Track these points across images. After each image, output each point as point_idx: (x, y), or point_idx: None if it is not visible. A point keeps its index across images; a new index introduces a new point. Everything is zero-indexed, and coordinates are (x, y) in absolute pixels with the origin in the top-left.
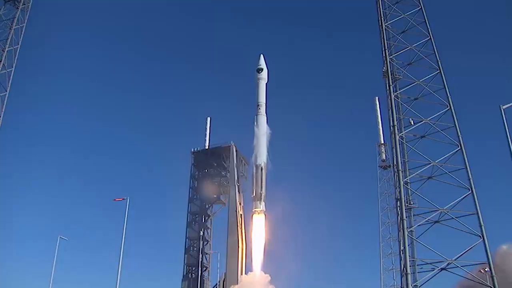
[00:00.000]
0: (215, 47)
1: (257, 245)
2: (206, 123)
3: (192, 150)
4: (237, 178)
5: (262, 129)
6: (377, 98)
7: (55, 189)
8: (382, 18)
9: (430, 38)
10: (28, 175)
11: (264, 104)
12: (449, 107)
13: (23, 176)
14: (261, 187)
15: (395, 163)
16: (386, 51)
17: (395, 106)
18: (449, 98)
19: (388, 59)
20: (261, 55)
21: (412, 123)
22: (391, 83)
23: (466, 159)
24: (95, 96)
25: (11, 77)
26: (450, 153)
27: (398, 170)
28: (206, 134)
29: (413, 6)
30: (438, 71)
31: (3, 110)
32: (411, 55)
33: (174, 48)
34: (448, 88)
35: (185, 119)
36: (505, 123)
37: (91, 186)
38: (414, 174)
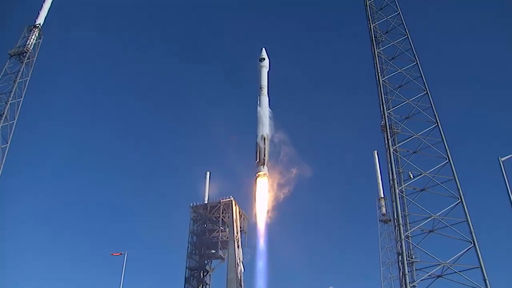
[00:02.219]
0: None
1: (261, 203)
2: (206, 177)
3: (191, 204)
4: (237, 233)
5: (264, 107)
6: (376, 152)
7: (51, 242)
8: (379, 73)
9: (427, 92)
10: (26, 227)
11: (266, 87)
12: (448, 160)
13: (20, 226)
14: (264, 154)
15: (395, 217)
16: (384, 105)
17: (394, 160)
18: (448, 151)
19: (386, 113)
20: (263, 48)
21: (412, 176)
22: (389, 137)
23: (467, 211)
24: (94, 148)
25: (13, 129)
26: (451, 206)
27: (399, 224)
28: (205, 188)
29: (409, 61)
30: (436, 124)
31: (3, 162)
32: (409, 109)
33: (170, 100)
34: (446, 141)
35: (184, 173)
36: (504, 175)
37: (88, 240)
38: (415, 228)
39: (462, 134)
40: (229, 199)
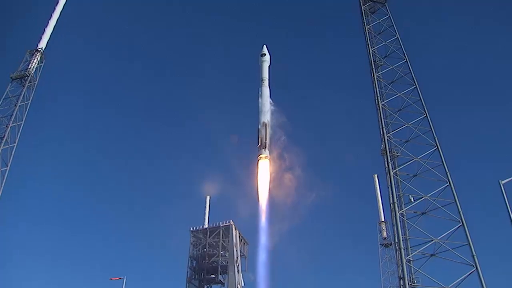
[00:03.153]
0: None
1: (263, 184)
2: (206, 201)
3: (191, 229)
4: (237, 258)
5: (265, 96)
6: (376, 175)
7: (50, 267)
8: (379, 97)
9: (426, 116)
10: (25, 251)
11: (267, 79)
12: (448, 183)
13: (19, 251)
14: (266, 138)
15: (396, 241)
16: (384, 129)
17: (394, 184)
18: (448, 174)
19: (386, 137)
20: (264, 45)
21: (412, 200)
22: (389, 161)
23: (468, 235)
24: (94, 172)
25: (13, 152)
26: (452, 229)
27: (400, 248)
28: (205, 213)
29: (408, 85)
30: (436, 147)
31: (3, 185)
32: (409, 132)
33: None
34: (446, 164)
35: (184, 197)
36: (505, 198)
37: (87, 264)
38: (416, 252)
39: (462, 157)
40: (228, 223)
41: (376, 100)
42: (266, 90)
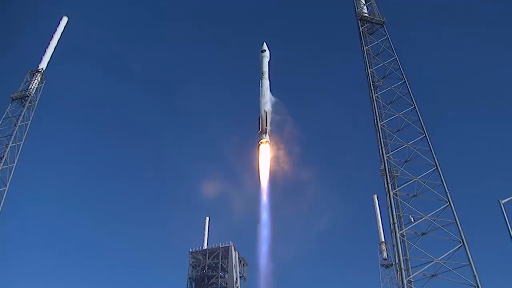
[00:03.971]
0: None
1: (264, 166)
2: (205, 222)
3: (190, 250)
4: (236, 279)
5: (265, 88)
6: (375, 196)
7: None
8: (378, 118)
9: (425, 136)
10: (23, 275)
11: (267, 72)
12: (448, 203)
13: (17, 276)
14: (266, 124)
15: (397, 261)
16: (383, 149)
17: (394, 204)
18: (448, 194)
19: (385, 157)
20: (264, 43)
21: (413, 220)
22: (389, 181)
23: (469, 255)
24: (93, 193)
25: (12, 172)
26: (453, 249)
27: (400, 269)
28: (204, 233)
29: (407, 105)
30: (435, 167)
31: (2, 205)
32: (408, 153)
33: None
34: (446, 184)
35: (183, 218)
36: (506, 217)
37: (84, 285)
38: (417, 273)
39: (462, 176)
40: (228, 245)
41: (375, 121)
42: (266, 82)
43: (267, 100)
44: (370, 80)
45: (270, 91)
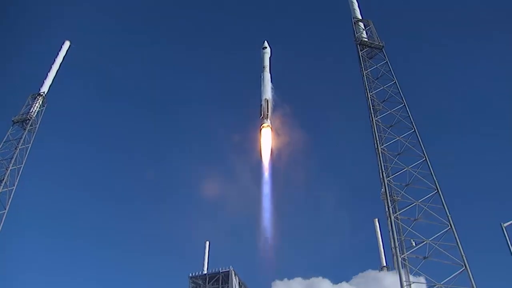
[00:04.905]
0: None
1: (265, 148)
2: (205, 247)
3: (190, 275)
4: None
5: (266, 79)
6: (376, 220)
7: None
8: (378, 141)
9: (426, 159)
10: None
11: (268, 66)
12: (450, 227)
13: None
14: (267, 110)
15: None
16: (383, 173)
17: (395, 228)
18: (449, 217)
19: (385, 181)
20: (265, 41)
21: (414, 244)
22: (390, 205)
23: (472, 279)
24: (91, 219)
25: (11, 195)
26: (456, 273)
27: None
28: (204, 258)
29: (407, 128)
30: (436, 191)
31: (0, 228)
32: (409, 176)
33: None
34: (447, 207)
35: (183, 242)
36: (508, 240)
37: None
38: None
39: (463, 199)
40: (228, 270)
41: (376, 145)
42: (267, 75)
43: (268, 89)
44: (370, 104)
45: (271, 82)
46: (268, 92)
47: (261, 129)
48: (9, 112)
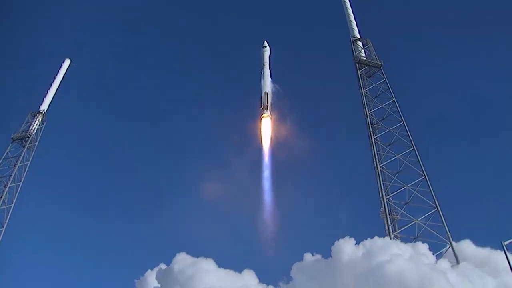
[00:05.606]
0: None
1: (265, 136)
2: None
3: None
4: None
5: (266, 75)
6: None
7: None
8: (377, 160)
9: (425, 177)
10: None
11: (267, 63)
12: (450, 245)
13: None
14: (267, 102)
15: None
16: (383, 191)
17: None
18: (449, 236)
19: (385, 200)
20: (265, 41)
21: None
22: (389, 223)
23: None
24: (90, 236)
25: (10, 213)
26: None
27: None
28: None
29: (406, 147)
30: (436, 209)
31: None
32: (408, 194)
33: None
34: (447, 226)
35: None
36: (508, 259)
37: None
38: None
39: (463, 217)
40: None
41: (375, 163)
42: (267, 70)
43: (268, 83)
44: (369, 122)
45: (271, 78)
46: (268, 86)
47: (261, 119)
48: (8, 130)
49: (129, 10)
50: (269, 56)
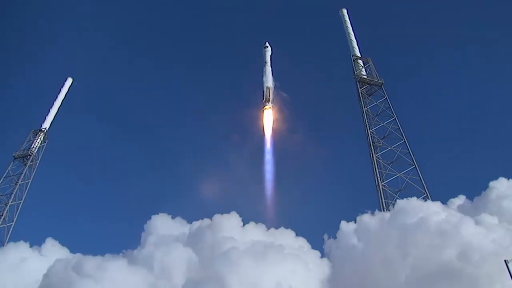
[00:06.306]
0: None
1: (267, 125)
2: None
3: None
4: None
5: (268, 72)
6: None
7: None
8: (379, 178)
9: (427, 195)
10: None
11: (269, 61)
12: None
13: None
14: (269, 95)
15: None
16: (385, 210)
17: None
18: None
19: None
20: (266, 42)
21: None
22: None
23: None
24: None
25: (10, 231)
26: None
27: None
28: None
29: (407, 165)
30: None
31: None
32: None
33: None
34: None
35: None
36: (511, 275)
37: None
38: None
39: None
40: None
41: (376, 181)
42: (268, 68)
43: (269, 79)
44: (370, 140)
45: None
46: (269, 81)
47: (263, 110)
48: (10, 148)
49: (131, 29)
50: (271, 55)
